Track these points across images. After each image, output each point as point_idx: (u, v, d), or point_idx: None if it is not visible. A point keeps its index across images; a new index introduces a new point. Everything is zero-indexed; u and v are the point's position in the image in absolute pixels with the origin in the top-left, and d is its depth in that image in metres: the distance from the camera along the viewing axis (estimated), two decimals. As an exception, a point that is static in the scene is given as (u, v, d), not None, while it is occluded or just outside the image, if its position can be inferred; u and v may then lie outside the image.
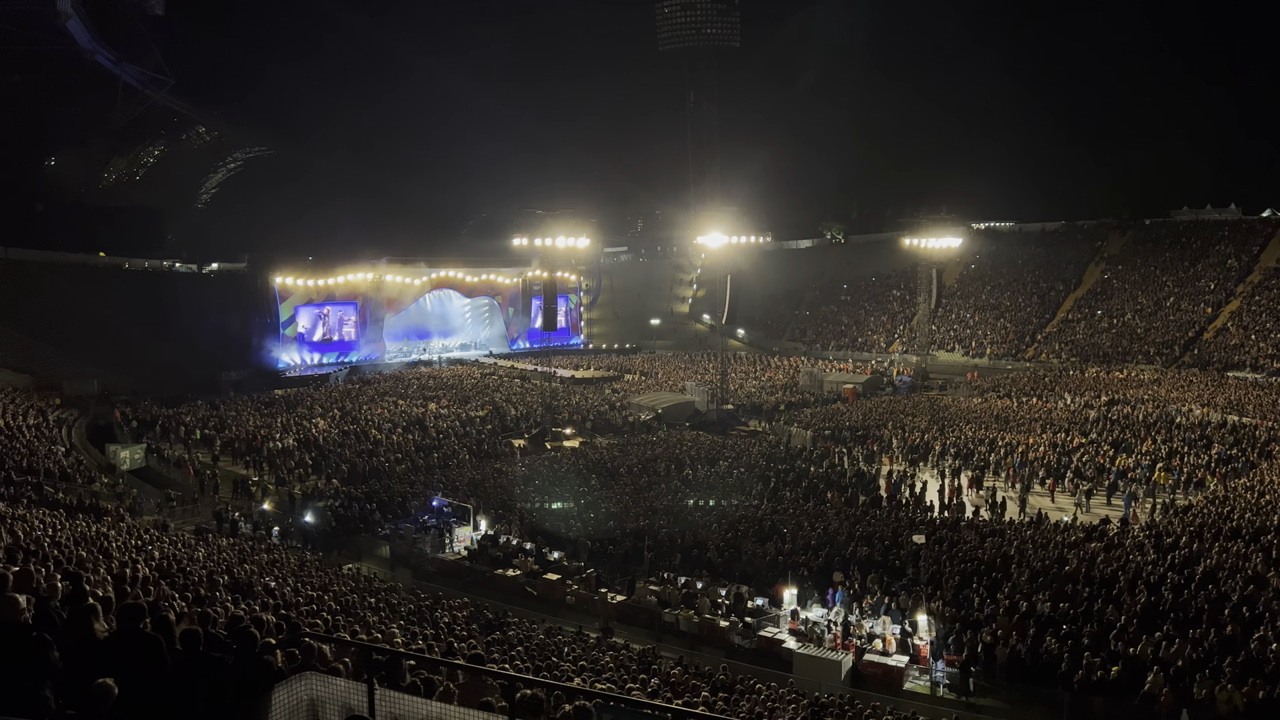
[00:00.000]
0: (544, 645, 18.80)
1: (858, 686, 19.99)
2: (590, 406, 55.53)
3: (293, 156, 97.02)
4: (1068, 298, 78.23)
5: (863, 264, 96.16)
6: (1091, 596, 21.22)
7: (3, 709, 5.02)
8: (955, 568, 24.10)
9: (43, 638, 5.76)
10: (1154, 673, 17.23)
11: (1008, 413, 50.20)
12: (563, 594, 25.79)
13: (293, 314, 70.75)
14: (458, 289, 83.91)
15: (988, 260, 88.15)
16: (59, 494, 30.04)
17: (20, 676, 5.52)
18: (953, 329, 79.62)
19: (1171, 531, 26.07)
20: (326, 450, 42.04)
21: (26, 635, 5.76)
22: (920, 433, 45.32)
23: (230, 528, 31.37)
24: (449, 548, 30.10)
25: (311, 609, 16.89)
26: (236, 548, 25.63)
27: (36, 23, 55.91)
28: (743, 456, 42.14)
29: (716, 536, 28.22)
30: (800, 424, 50.85)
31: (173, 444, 44.47)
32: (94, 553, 16.72)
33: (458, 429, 47.40)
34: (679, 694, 15.38)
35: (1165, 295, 72.28)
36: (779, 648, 21.55)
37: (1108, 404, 50.85)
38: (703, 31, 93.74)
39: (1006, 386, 59.55)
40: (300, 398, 54.84)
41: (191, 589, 14.71)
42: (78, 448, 42.34)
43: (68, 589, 9.19)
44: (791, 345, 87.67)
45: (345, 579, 23.99)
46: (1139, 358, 65.64)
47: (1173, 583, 21.25)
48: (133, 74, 66.17)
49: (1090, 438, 42.32)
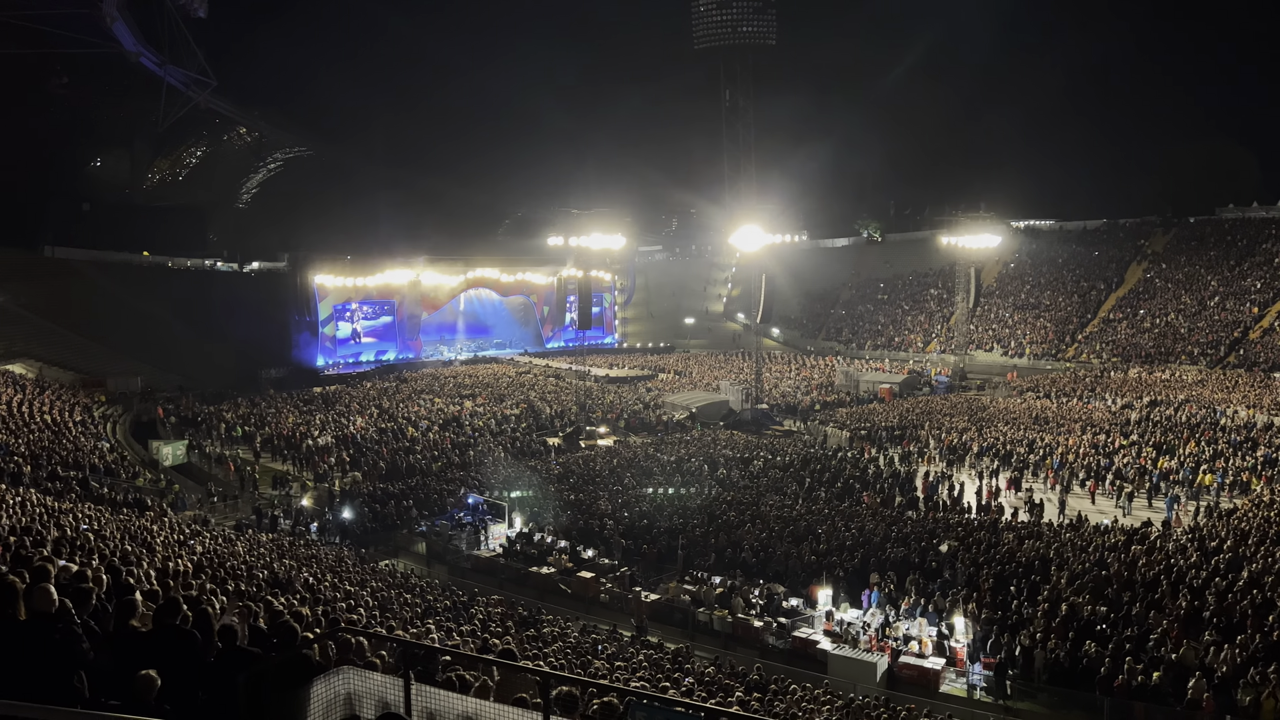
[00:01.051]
0: (578, 643, 18.86)
1: (893, 688, 19.83)
2: (624, 405, 55.61)
3: (332, 156, 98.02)
4: (1109, 297, 77.06)
5: (900, 262, 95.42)
6: (1132, 600, 20.89)
7: (36, 697, 5.12)
8: (993, 570, 23.84)
9: (71, 628, 5.86)
10: (1196, 678, 16.93)
11: (1047, 413, 49.58)
12: (596, 592, 25.84)
13: (331, 312, 71.56)
14: (493, 288, 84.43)
15: (1027, 259, 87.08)
16: (104, 489, 30.59)
17: (51, 666, 5.63)
18: (991, 328, 78.74)
19: (1215, 535, 25.59)
20: (364, 447, 42.47)
21: (56, 625, 5.87)
22: (958, 433, 44.90)
23: (270, 523, 31.78)
24: (484, 544, 30.29)
25: (349, 604, 17.08)
26: (276, 543, 25.96)
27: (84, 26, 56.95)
28: (777, 456, 41.98)
29: (751, 536, 28.14)
30: (836, 424, 50.59)
31: (214, 440, 45.16)
32: (137, 547, 17.01)
33: (493, 427, 47.68)
34: (713, 693, 15.36)
35: (1210, 294, 70.95)
36: (813, 648, 21.45)
37: (1150, 405, 50.03)
38: (739, 29, 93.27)
39: (1046, 387, 58.80)
40: (338, 395, 55.46)
41: (232, 584, 14.92)
42: (122, 443, 43.09)
43: (110, 582, 9.37)
44: (827, 344, 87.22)
45: (382, 575, 24.23)
46: (1182, 358, 64.49)
47: (1216, 587, 20.86)
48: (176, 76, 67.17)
49: (1132, 439, 41.67)
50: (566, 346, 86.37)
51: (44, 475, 28.40)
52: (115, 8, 54.92)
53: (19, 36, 56.59)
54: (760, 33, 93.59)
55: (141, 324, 62.69)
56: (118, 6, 55.21)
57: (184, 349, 62.52)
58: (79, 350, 57.75)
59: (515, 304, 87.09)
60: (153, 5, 61.02)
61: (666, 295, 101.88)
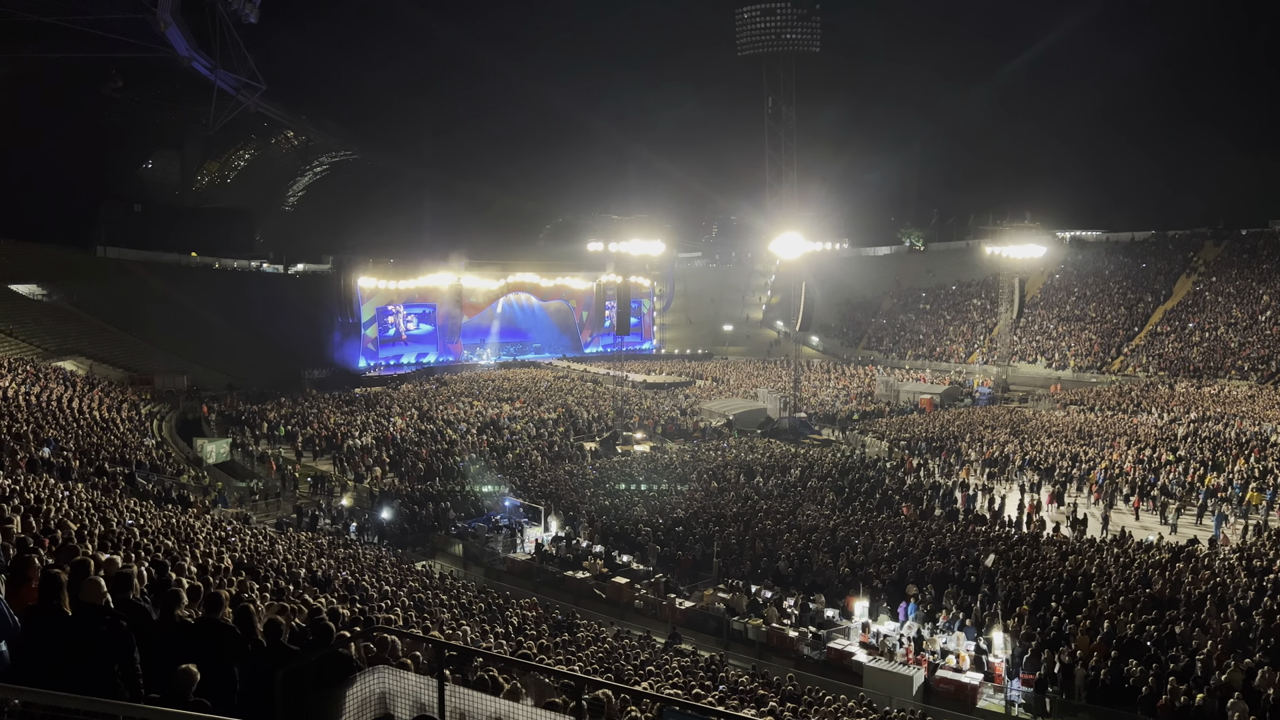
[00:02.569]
0: (612, 648, 18.86)
1: (929, 703, 19.61)
2: (661, 411, 55.59)
3: (377, 161, 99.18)
4: (1157, 310, 75.67)
5: (942, 272, 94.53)
6: (1177, 619, 20.48)
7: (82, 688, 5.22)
8: (1033, 585, 23.48)
9: (118, 622, 5.97)
10: (1237, 699, 16.55)
11: (1091, 427, 48.76)
12: (631, 598, 25.84)
13: (374, 314, 72.38)
14: (533, 292, 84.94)
15: (1073, 270, 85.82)
16: (149, 485, 31.14)
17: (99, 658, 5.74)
18: (1035, 340, 77.66)
19: (1263, 554, 25.01)
20: (404, 448, 42.87)
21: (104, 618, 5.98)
22: (999, 445, 44.31)
23: (310, 522, 32.17)
24: (520, 548, 30.42)
25: (386, 604, 17.23)
26: (315, 542, 26.26)
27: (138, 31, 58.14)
28: (815, 466, 41.72)
29: (787, 546, 27.99)
30: (875, 434, 50.16)
31: (256, 439, 45.82)
32: (180, 542, 17.29)
33: (531, 431, 47.89)
34: (747, 702, 15.28)
35: (1262, 308, 69.40)
36: (849, 660, 21.27)
37: (1198, 420, 49.03)
38: (782, 36, 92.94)
39: (1091, 400, 57.86)
40: (379, 397, 56.04)
41: (272, 581, 15.12)
42: (167, 441, 43.85)
43: (154, 576, 9.54)
44: (867, 354, 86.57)
45: (419, 575, 24.41)
46: (1232, 373, 63.13)
47: (1264, 608, 20.38)
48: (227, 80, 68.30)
49: (1179, 454, 40.86)
50: (605, 352, 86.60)
51: (92, 470, 28.96)
52: (169, 13, 56.00)
53: (75, 40, 57.96)
54: (804, 40, 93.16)
55: (189, 323, 63.89)
56: (171, 12, 56.30)
57: (229, 349, 63.59)
58: (128, 348, 58.94)
59: (555, 309, 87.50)
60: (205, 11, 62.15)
61: (705, 302, 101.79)
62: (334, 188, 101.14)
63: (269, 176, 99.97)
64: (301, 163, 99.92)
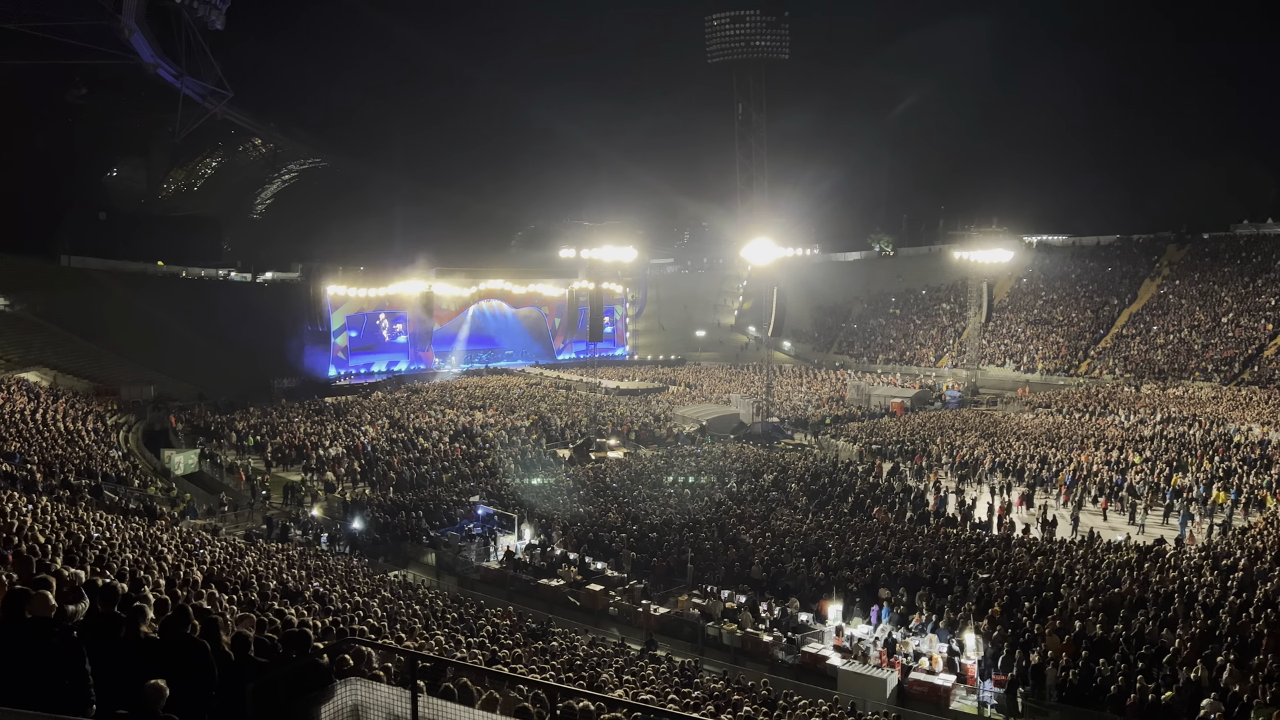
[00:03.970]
0: (586, 656, 18.81)
1: (903, 705, 19.71)
2: (635, 417, 55.59)
3: (346, 168, 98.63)
4: (1122, 313, 76.72)
5: (912, 276, 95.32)
6: (1145, 618, 20.73)
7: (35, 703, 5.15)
8: (1004, 586, 23.69)
9: (68, 634, 5.89)
10: (1210, 698, 16.77)
11: (1060, 429, 49.34)
12: (605, 605, 25.79)
13: (344, 323, 71.86)
14: (505, 299, 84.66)
15: (1040, 274, 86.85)
16: (116, 497, 30.72)
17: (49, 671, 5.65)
18: (1003, 344, 78.46)
19: (1230, 553, 25.39)
20: (375, 458, 42.56)
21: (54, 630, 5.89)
22: (969, 448, 44.71)
23: (280, 533, 31.86)
24: (493, 556, 30.29)
25: (358, 615, 17.09)
26: (286, 553, 26.01)
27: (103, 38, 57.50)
28: (788, 470, 41.88)
29: (761, 551, 28.06)
30: (847, 438, 50.44)
31: (225, 450, 45.33)
32: (147, 555, 17.06)
33: (504, 438, 47.73)
34: (722, 708, 15.29)
35: (1224, 311, 70.55)
36: (823, 664, 21.34)
37: (1163, 421, 49.75)
38: (752, 43, 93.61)
39: (1059, 402, 58.53)
40: (350, 405, 55.63)
41: (241, 593, 14.96)
42: (134, 452, 43.30)
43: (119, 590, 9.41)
44: (838, 358, 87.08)
45: (392, 585, 24.23)
46: (1196, 374, 64.12)
47: (1231, 606, 20.68)
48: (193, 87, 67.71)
49: (1145, 455, 41.43)
50: (578, 358, 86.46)
51: (56, 483, 28.53)
52: (133, 20, 55.43)
53: (39, 47, 57.21)
54: (773, 47, 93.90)
55: (155, 333, 63.08)
56: (136, 18, 55.72)
57: (197, 358, 62.86)
58: (93, 359, 58.13)
59: (527, 315, 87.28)
60: (171, 17, 61.61)
61: (678, 308, 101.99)
62: (303, 195, 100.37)
63: (237, 184, 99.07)
64: (270, 170, 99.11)
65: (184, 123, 73.18)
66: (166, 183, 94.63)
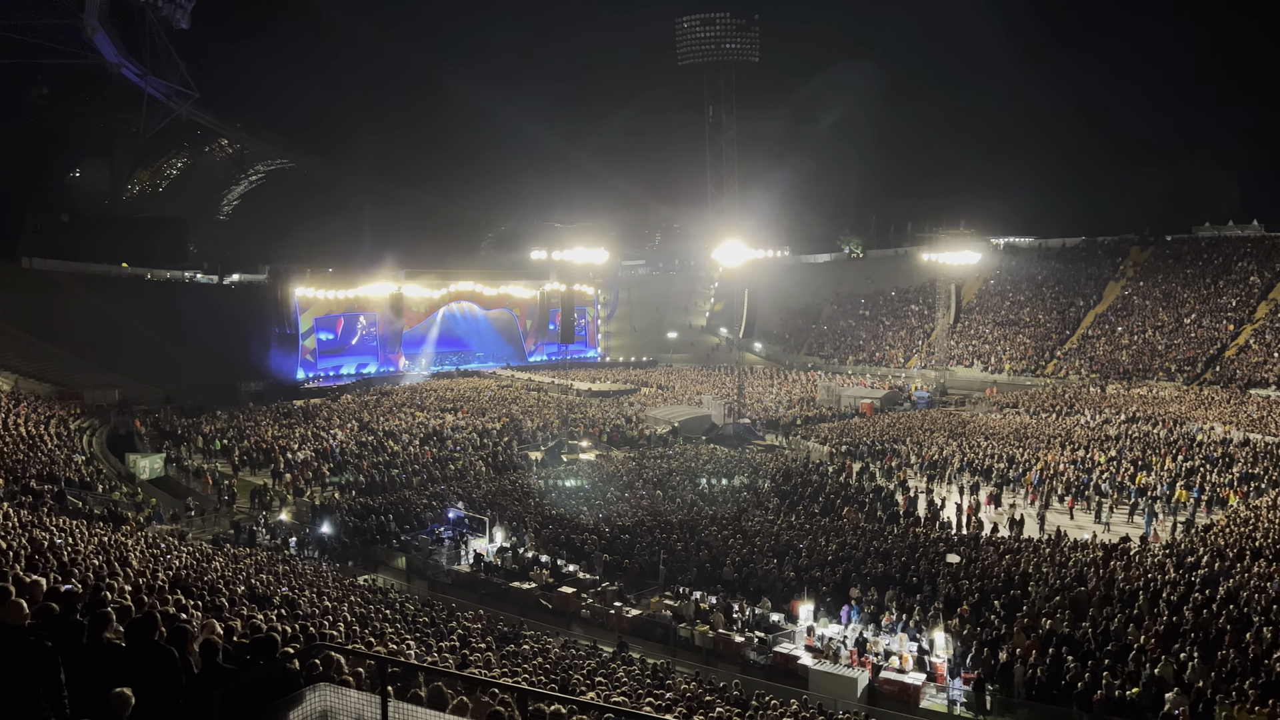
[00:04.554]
0: (558, 659, 18.76)
1: (874, 704, 19.84)
2: (606, 419, 55.56)
3: (314, 169, 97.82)
4: (1088, 314, 77.74)
5: (881, 278, 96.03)
6: (1111, 615, 21.00)
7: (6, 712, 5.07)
8: (973, 585, 23.92)
9: (42, 642, 5.79)
10: (1174, 693, 17.03)
11: (1027, 429, 49.89)
12: (577, 607, 25.74)
13: (312, 325, 71.26)
14: (476, 301, 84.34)
15: (1007, 276, 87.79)
16: (79, 502, 30.25)
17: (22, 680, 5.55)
18: (971, 344, 79.23)
19: (1193, 550, 25.79)
20: (344, 461, 42.22)
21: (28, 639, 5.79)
22: (938, 448, 45.09)
23: (248, 538, 31.52)
24: (464, 560, 30.14)
25: (328, 620, 16.93)
26: (254, 558, 25.73)
27: (66, 37, 56.70)
28: (759, 471, 42.02)
29: (732, 552, 28.13)
30: (817, 439, 50.70)
31: (192, 454, 44.78)
32: (112, 561, 16.82)
33: (475, 441, 47.52)
34: (694, 709, 15.31)
35: (1187, 312, 71.71)
36: (794, 664, 21.42)
37: (1128, 421, 50.45)
38: (722, 46, 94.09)
39: (1026, 402, 59.19)
40: (318, 409, 55.16)
41: (208, 599, 14.78)
42: (98, 457, 42.66)
43: (85, 597, 9.27)
44: (809, 359, 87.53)
45: (361, 590, 24.04)
46: (1160, 375, 65.11)
47: (1194, 602, 21.00)
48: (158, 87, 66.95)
49: (1110, 455, 41.98)
50: (549, 360, 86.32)
51: (17, 489, 28.05)
52: (97, 19, 54.70)
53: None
54: (743, 50, 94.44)
55: (120, 336, 62.21)
56: (99, 17, 54.98)
57: (162, 361, 62.06)
58: (56, 362, 57.21)
59: (498, 318, 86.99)
60: (135, 16, 60.86)
61: (649, 309, 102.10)
62: (270, 197, 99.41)
63: (203, 185, 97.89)
64: (236, 171, 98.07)
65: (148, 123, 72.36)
66: (131, 184, 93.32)
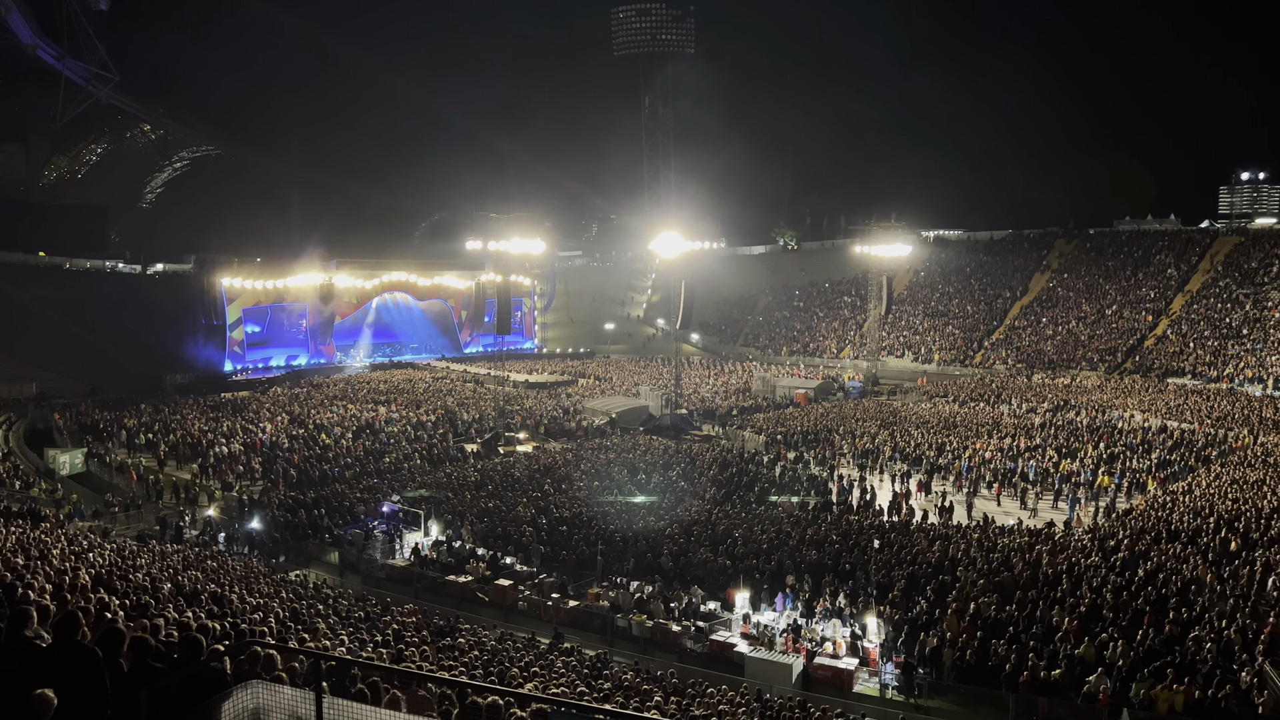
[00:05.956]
0: (495, 651, 18.67)
1: (808, 689, 20.13)
2: (544, 411, 55.35)
3: (241, 157, 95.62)
4: (1014, 305, 79.66)
5: (815, 270, 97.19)
6: (1036, 599, 21.60)
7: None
8: (904, 571, 24.38)
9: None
10: (1097, 674, 17.58)
11: (956, 418, 50.96)
12: (514, 600, 25.63)
13: (240, 316, 69.59)
14: (409, 292, 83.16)
15: (937, 268, 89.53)
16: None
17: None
18: (902, 335, 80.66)
19: (1113, 534, 26.65)
20: (274, 455, 41.40)
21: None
22: (870, 437, 45.82)
23: (174, 534, 30.76)
24: (399, 553, 29.80)
25: (259, 616, 16.60)
26: (181, 554, 25.10)
27: (-25, 16, 54.53)
28: (696, 461, 42.25)
29: (669, 541, 28.26)
30: (753, 428, 51.16)
31: (114, 448, 43.49)
32: (31, 560, 16.27)
33: (409, 433, 46.94)
34: (631, 698, 15.37)
35: (1108, 303, 73.93)
36: (731, 651, 21.63)
37: (1052, 409, 51.85)
38: (657, 37, 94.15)
39: (955, 392, 60.45)
40: (247, 401, 53.97)
41: (134, 596, 14.38)
42: (15, 452, 41.26)
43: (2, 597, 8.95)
44: (745, 350, 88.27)
45: (293, 586, 23.61)
46: (1083, 364, 67.06)
47: (1114, 584, 21.71)
48: (76, 70, 64.77)
49: (1035, 443, 43.11)
50: (485, 352, 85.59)
51: (-71, 486, 26.98)
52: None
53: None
54: (679, 41, 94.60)
55: (37, 328, 60.09)
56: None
57: (82, 354, 60.12)
58: (-32, 355, 55.10)
59: (432, 308, 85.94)
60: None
61: (587, 301, 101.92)
62: (196, 184, 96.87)
63: (124, 172, 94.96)
64: (160, 158, 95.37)
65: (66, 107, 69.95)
66: (48, 169, 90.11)
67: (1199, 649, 17.90)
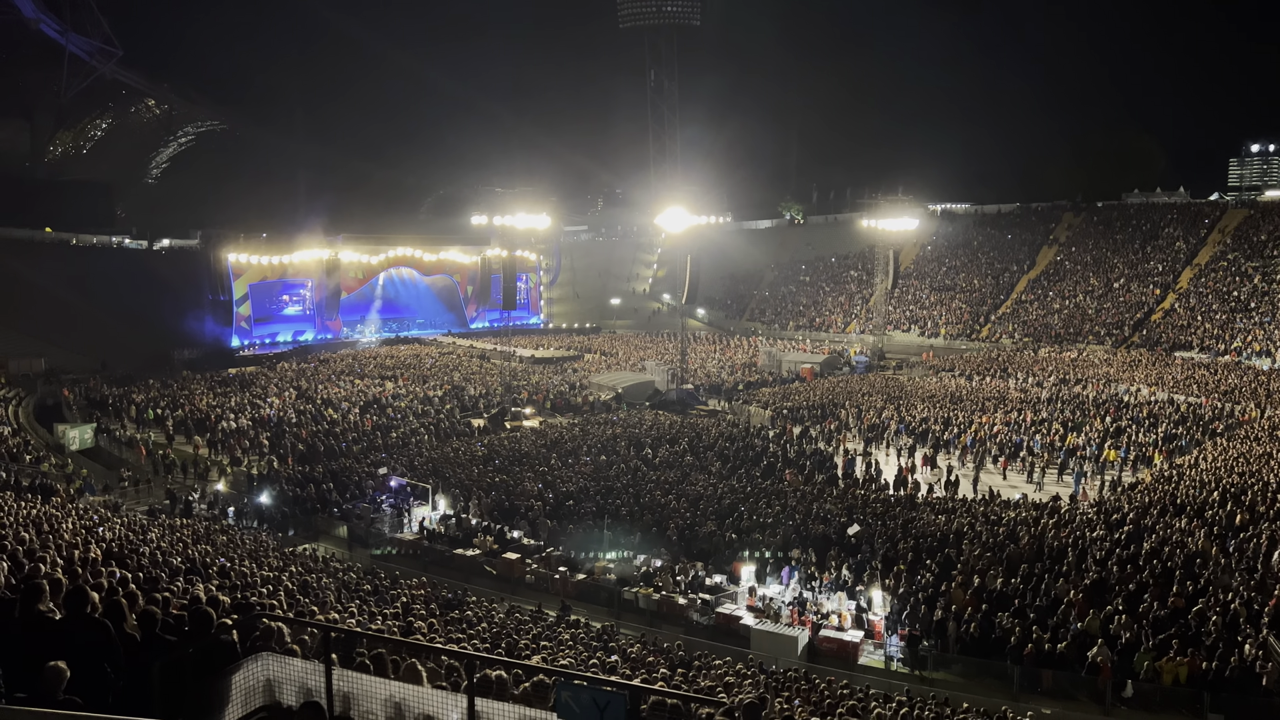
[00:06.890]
0: (503, 624, 18.82)
1: (813, 661, 20.27)
2: (550, 386, 55.43)
3: (247, 132, 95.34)
4: (1021, 279, 79.30)
5: (821, 244, 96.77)
6: (1042, 572, 21.67)
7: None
8: (909, 545, 24.47)
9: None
10: (1099, 645, 17.67)
11: (962, 392, 50.90)
12: (522, 573, 25.81)
13: (246, 292, 69.63)
14: (415, 267, 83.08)
15: (944, 242, 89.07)
16: (6, 475, 29.41)
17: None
18: (909, 309, 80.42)
19: (1119, 508, 26.67)
20: (282, 430, 41.57)
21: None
22: (876, 412, 45.82)
23: (184, 508, 30.97)
24: (407, 527, 29.98)
25: (268, 590, 16.75)
26: (190, 529, 25.30)
27: (-23, -10, 54.26)
28: (702, 436, 42.32)
29: (676, 515, 28.38)
30: (759, 403, 51.19)
31: (124, 423, 43.72)
32: (43, 535, 16.40)
33: (416, 408, 47.08)
34: (638, 670, 15.49)
35: (1116, 277, 73.55)
36: (736, 624, 21.78)
37: (1059, 383, 51.77)
38: (663, 9, 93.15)
39: (961, 366, 60.34)
40: (255, 377, 54.14)
41: (144, 570, 14.51)
42: (25, 427, 41.48)
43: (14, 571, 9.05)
44: (750, 325, 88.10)
45: (302, 559, 23.81)
46: (1090, 338, 66.82)
47: (1119, 558, 21.76)
48: (80, 45, 64.47)
49: (1042, 416, 43.08)
50: (491, 327, 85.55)
51: (-59, 461, 27.17)
52: (12, -29, 52.35)
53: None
54: (684, 13, 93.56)
55: (44, 303, 60.23)
56: (15, -30, 52.62)
57: (91, 329, 60.28)
58: (-23, 331, 55.30)
59: (438, 284, 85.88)
60: (53, -30, 58.39)
61: (592, 276, 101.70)
62: (201, 159, 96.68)
63: (129, 147, 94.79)
64: (165, 133, 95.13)
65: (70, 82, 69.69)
66: (53, 145, 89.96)
67: (1204, 621, 17.97)
